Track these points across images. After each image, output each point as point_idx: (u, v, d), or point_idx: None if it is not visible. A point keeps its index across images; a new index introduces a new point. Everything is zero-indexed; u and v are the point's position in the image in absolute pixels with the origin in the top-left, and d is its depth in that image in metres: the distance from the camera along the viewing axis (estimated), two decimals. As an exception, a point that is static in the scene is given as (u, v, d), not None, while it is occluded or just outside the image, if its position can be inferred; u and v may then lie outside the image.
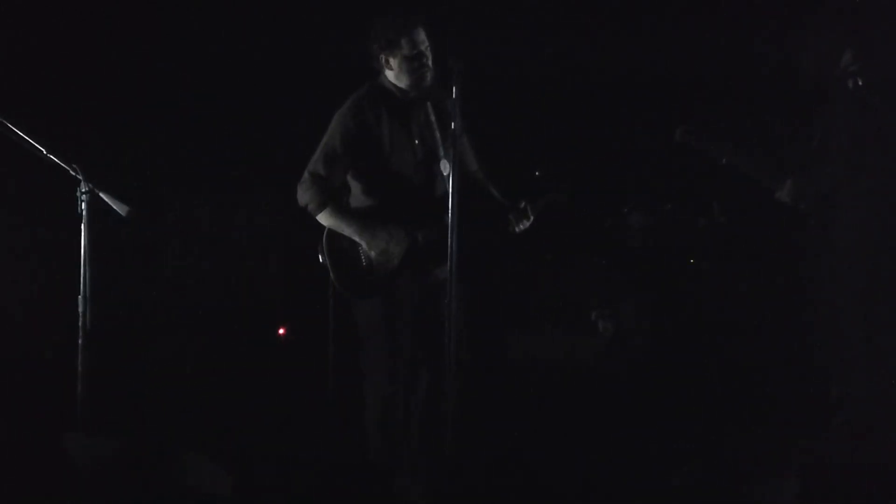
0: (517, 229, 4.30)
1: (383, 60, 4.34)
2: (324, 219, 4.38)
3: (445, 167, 4.27)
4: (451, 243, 3.99)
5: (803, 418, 4.85)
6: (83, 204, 4.23)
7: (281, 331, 5.67)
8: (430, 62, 4.29)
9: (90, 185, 4.21)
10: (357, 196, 4.46)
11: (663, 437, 5.01)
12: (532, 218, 4.29)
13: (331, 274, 4.41)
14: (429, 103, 4.31)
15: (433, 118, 4.36)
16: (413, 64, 4.29)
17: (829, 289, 4.83)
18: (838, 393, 4.82)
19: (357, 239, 4.36)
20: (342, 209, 4.39)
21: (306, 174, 4.38)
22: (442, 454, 4.01)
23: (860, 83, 4.64)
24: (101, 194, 4.23)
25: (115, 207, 4.24)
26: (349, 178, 4.49)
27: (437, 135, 4.34)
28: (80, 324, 4.24)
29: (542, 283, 5.81)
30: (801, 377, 5.04)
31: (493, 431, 4.55)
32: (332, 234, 4.39)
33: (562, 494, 4.43)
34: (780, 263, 5.34)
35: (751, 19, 5.41)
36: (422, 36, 4.30)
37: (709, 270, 5.62)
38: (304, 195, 4.37)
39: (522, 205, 4.31)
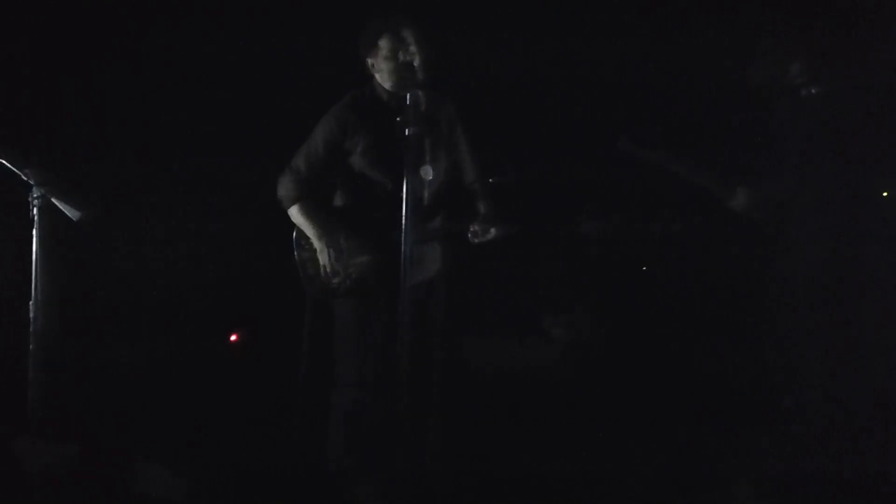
0: (480, 239, 4.22)
1: (369, 64, 4.33)
2: (293, 215, 4.37)
3: (428, 173, 4.26)
4: (403, 255, 3.91)
5: (758, 425, 4.86)
6: (35, 209, 4.22)
7: (233, 337, 5.63)
8: (416, 63, 4.22)
9: (42, 191, 4.21)
10: (340, 197, 4.45)
11: (619, 444, 5.02)
12: (493, 230, 4.21)
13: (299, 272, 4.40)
14: (417, 108, 4.06)
15: (422, 123, 4.16)
16: (391, 64, 4.25)
17: (784, 297, 4.83)
18: (792, 401, 4.82)
19: (315, 243, 4.34)
20: (312, 209, 4.36)
21: (287, 167, 4.39)
22: (401, 462, 4.00)
23: (813, 91, 4.66)
24: (53, 199, 4.23)
25: (66, 212, 4.25)
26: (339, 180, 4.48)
27: (427, 141, 4.30)
28: (31, 329, 4.24)
29: (494, 291, 5.78)
30: (755, 384, 5.03)
31: (452, 440, 4.52)
32: (300, 232, 4.40)
33: (521, 501, 4.44)
34: (735, 271, 5.33)
35: (701, 26, 5.43)
36: (403, 36, 4.26)
37: (663, 277, 5.62)
38: (280, 187, 4.38)
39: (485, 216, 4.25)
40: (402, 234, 3.89)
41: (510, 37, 5.41)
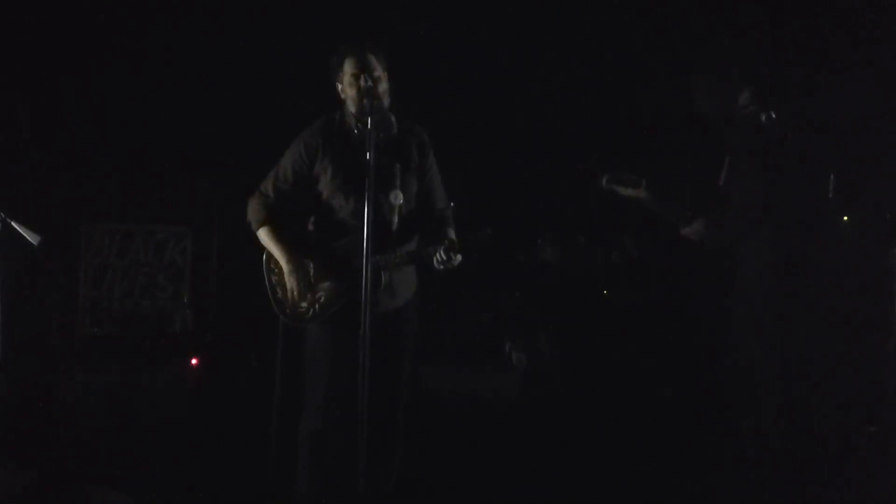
0: (444, 266, 4.20)
1: (339, 89, 4.32)
2: (262, 237, 4.40)
3: (398, 197, 4.26)
4: (365, 281, 3.93)
5: (716, 451, 4.87)
6: (-6, 234, 4.14)
7: (194, 361, 5.64)
8: (380, 88, 4.19)
9: (1, 215, 4.22)
10: (310, 222, 4.48)
11: (578, 469, 5.04)
12: (459, 256, 4.20)
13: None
14: (379, 133, 4.14)
15: (388, 149, 4.26)
16: (353, 89, 4.23)
17: (738, 324, 4.83)
18: (749, 428, 4.81)
19: (283, 266, 4.35)
20: (280, 233, 4.37)
21: (257, 190, 4.42)
22: (365, 488, 3.96)
23: (772, 116, 4.65)
24: (13, 223, 4.24)
25: (27, 237, 4.26)
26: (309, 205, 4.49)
27: (397, 166, 4.30)
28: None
29: (455, 317, 5.80)
30: (712, 410, 5.05)
31: (412, 467, 4.54)
32: (269, 255, 4.42)
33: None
34: (690, 298, 5.39)
35: (659, 59, 5.46)
36: (366, 60, 4.25)
37: (622, 302, 5.67)
38: (249, 210, 4.41)
39: (449, 241, 4.25)
40: (364, 260, 3.92)
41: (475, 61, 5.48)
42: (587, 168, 4.79)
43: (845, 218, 4.75)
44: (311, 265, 4.37)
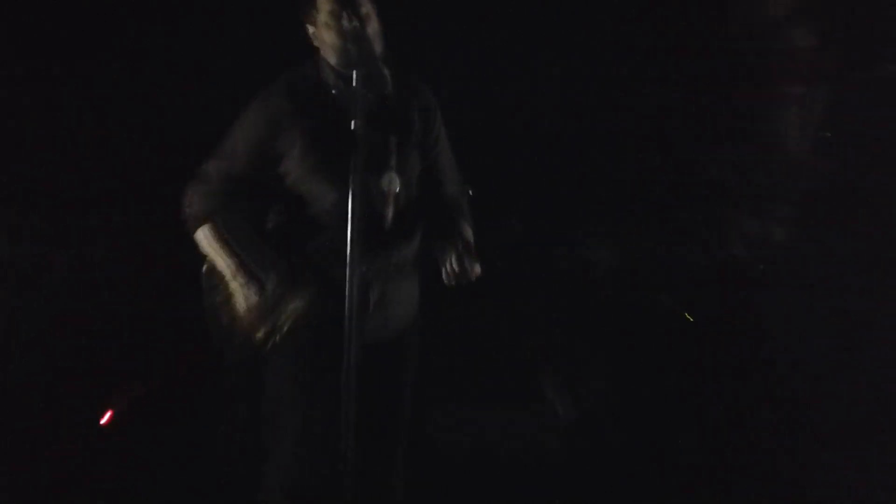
0: (457, 277, 3.50)
1: (311, 33, 3.59)
2: (201, 240, 3.62)
3: (393, 182, 3.59)
4: (349, 297, 3.23)
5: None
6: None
7: (105, 417, 4.75)
8: (370, 30, 3.47)
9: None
10: (269, 218, 3.72)
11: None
12: (477, 264, 3.48)
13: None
14: (371, 92, 3.47)
15: (382, 114, 3.57)
16: (333, 31, 3.49)
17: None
18: None
19: (231, 280, 3.59)
20: (227, 233, 3.61)
21: (195, 175, 3.66)
22: None
23: None
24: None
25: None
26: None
27: (393, 139, 3.61)
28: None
29: (486, 345, 4.92)
30: (795, 462, 4.56)
31: None
32: (213, 267, 3.66)
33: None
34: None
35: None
36: None
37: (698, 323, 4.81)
38: (185, 202, 3.65)
39: (464, 242, 3.53)
40: (347, 270, 3.24)
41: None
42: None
43: None
44: (273, 278, 3.58)
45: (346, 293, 3.23)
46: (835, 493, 4.26)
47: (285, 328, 3.56)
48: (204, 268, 3.65)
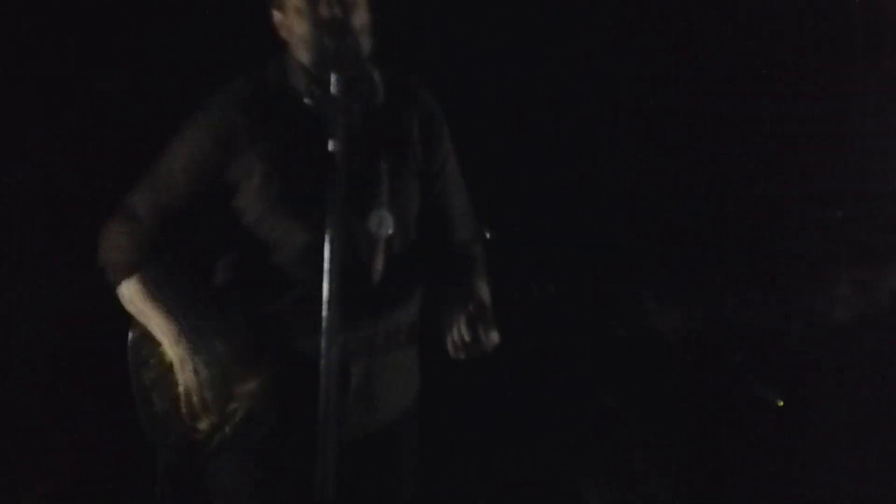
0: (468, 350, 2.83)
1: (277, 21, 2.93)
2: (127, 298, 2.94)
3: (383, 222, 2.96)
4: (325, 373, 2.58)
5: None
6: None
7: None
8: (356, 18, 2.82)
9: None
10: (219, 268, 3.09)
11: None
12: (495, 333, 2.81)
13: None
14: (354, 100, 2.79)
15: (370, 131, 2.93)
16: (307, 15, 2.83)
17: None
18: None
19: (169, 351, 2.90)
20: (161, 287, 2.93)
21: (117, 211, 3.00)
22: None
23: None
24: None
25: None
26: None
27: (383, 165, 2.96)
28: None
29: (504, 439, 4.24)
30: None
31: None
32: (144, 331, 2.98)
33: None
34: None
35: None
36: None
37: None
38: (104, 247, 2.97)
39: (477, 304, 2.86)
40: (323, 339, 2.60)
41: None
42: None
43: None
44: (223, 349, 2.92)
45: (321, 371, 2.59)
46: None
47: (238, 418, 2.89)
48: (130, 336, 2.94)
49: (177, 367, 2.89)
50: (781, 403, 4.07)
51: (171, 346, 2.89)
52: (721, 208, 4.25)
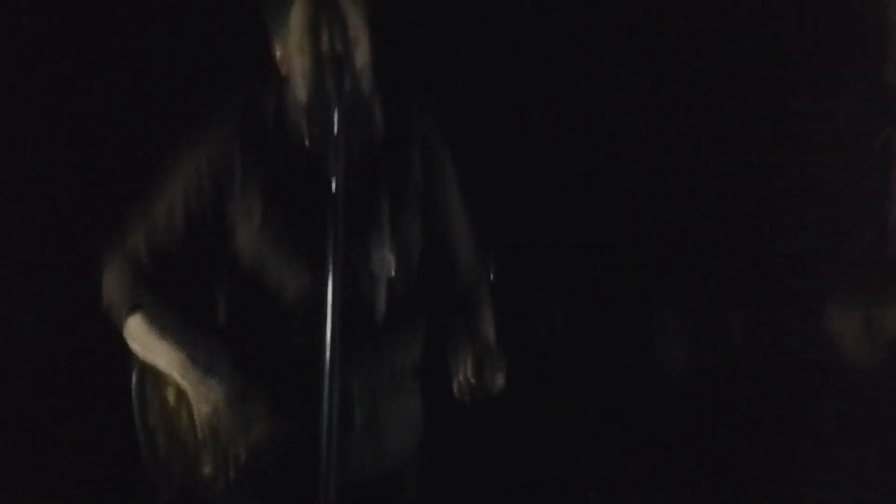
0: (474, 392, 2.83)
1: (278, 57, 2.93)
2: (131, 335, 2.97)
3: (385, 262, 2.98)
4: (327, 415, 2.51)
5: None
6: None
7: None
8: (358, 54, 2.82)
9: None
10: (227, 309, 3.09)
11: None
12: (502, 375, 2.81)
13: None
14: (353, 133, 2.78)
15: (377, 170, 2.93)
16: (309, 51, 2.82)
17: None
18: None
19: (177, 378, 2.93)
20: (165, 318, 2.96)
21: (116, 250, 3.03)
22: None
23: None
24: None
25: None
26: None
27: (385, 204, 2.97)
28: None
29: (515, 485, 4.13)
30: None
31: None
32: (148, 368, 3.01)
33: None
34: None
35: None
36: (333, 2, 2.83)
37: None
38: (106, 287, 3.00)
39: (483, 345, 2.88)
40: (325, 381, 2.53)
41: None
42: None
43: None
44: (226, 390, 2.94)
45: (323, 414, 2.51)
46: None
47: (242, 460, 2.88)
48: (133, 378, 2.97)
49: (190, 395, 2.90)
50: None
51: (181, 376, 2.91)
52: (731, 240, 4.22)
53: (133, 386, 2.97)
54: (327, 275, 2.53)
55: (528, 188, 4.18)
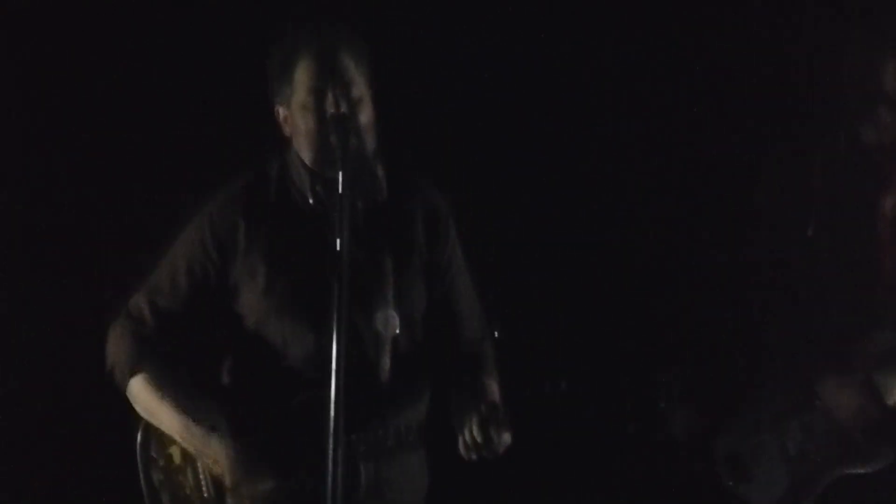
0: (479, 452, 2.80)
1: (281, 118, 2.91)
2: (135, 396, 2.97)
3: (389, 321, 2.97)
4: (331, 478, 2.51)
5: None
6: None
7: None
8: (362, 115, 2.80)
9: None
10: (224, 370, 3.08)
11: None
12: (507, 435, 2.78)
13: None
14: (359, 199, 2.83)
15: (380, 231, 2.93)
16: (313, 112, 2.80)
17: None
18: None
19: (180, 441, 2.93)
20: (167, 380, 2.95)
21: (122, 314, 3.02)
22: None
23: None
24: None
25: None
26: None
27: (389, 264, 2.99)
28: None
29: None
30: None
31: None
32: (152, 431, 3.02)
33: None
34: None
35: None
36: (337, 63, 2.83)
37: None
38: (110, 348, 3.00)
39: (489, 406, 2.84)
40: (330, 441, 2.52)
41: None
42: None
43: None
44: (231, 451, 2.91)
45: (328, 475, 2.52)
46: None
47: None
48: (138, 437, 2.96)
49: (197, 455, 2.90)
50: None
51: (183, 440, 2.91)
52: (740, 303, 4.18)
53: (138, 444, 2.96)
54: (331, 334, 2.52)
55: (532, 248, 4.17)
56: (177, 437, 2.91)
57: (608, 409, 3.79)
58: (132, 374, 2.93)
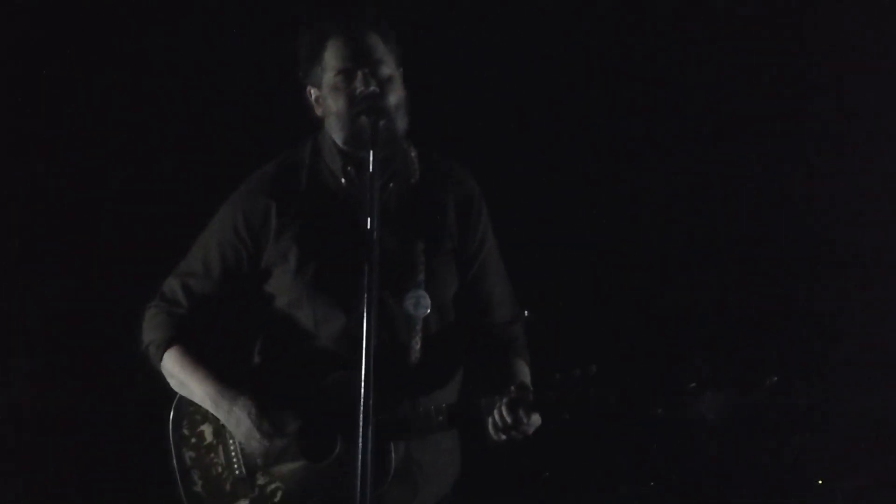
0: (508, 433, 2.80)
1: (312, 98, 2.92)
2: (168, 370, 3.01)
3: (420, 303, 2.96)
4: (362, 456, 2.47)
5: None
6: None
7: None
8: (392, 95, 2.81)
9: None
10: (257, 350, 3.10)
11: None
12: (536, 415, 2.78)
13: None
14: (389, 180, 2.84)
15: (405, 211, 2.92)
16: (343, 92, 2.81)
17: None
18: None
19: (211, 410, 2.96)
20: (199, 354, 2.99)
21: (157, 294, 3.07)
22: None
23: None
24: None
25: None
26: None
27: (420, 246, 2.98)
28: None
29: None
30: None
31: None
32: (185, 405, 3.04)
33: None
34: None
35: None
36: (366, 43, 2.84)
37: None
38: (145, 327, 3.05)
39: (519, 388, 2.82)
40: (361, 421, 2.49)
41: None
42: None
43: None
44: (265, 426, 2.95)
45: (359, 454, 2.50)
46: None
47: (278, 498, 2.89)
48: (171, 415, 2.99)
49: (228, 425, 2.93)
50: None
51: (213, 408, 2.94)
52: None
53: (170, 422, 2.99)
54: (362, 315, 2.51)
55: (565, 232, 4.16)
56: (209, 405, 2.94)
57: (637, 392, 3.82)
58: (166, 348, 2.96)
